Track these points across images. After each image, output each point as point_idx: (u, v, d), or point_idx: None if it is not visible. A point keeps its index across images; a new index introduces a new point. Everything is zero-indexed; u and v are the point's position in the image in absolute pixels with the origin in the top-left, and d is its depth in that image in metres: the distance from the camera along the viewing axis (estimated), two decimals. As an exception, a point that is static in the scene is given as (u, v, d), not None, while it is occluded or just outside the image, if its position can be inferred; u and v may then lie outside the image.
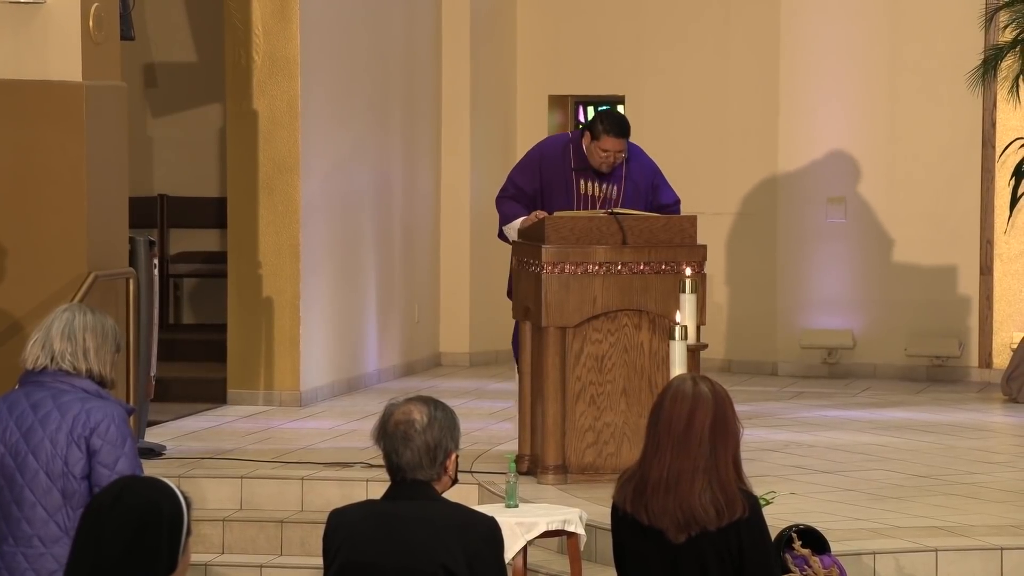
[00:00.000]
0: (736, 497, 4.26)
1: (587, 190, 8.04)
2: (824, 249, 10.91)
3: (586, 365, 7.63)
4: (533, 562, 6.78)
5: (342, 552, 4.25)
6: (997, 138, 10.55)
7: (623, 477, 4.43)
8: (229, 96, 9.69)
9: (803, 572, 6.16)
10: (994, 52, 10.06)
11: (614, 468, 7.59)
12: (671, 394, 4.33)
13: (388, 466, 4.30)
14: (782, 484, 7.45)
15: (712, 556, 4.27)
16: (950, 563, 6.53)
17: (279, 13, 9.54)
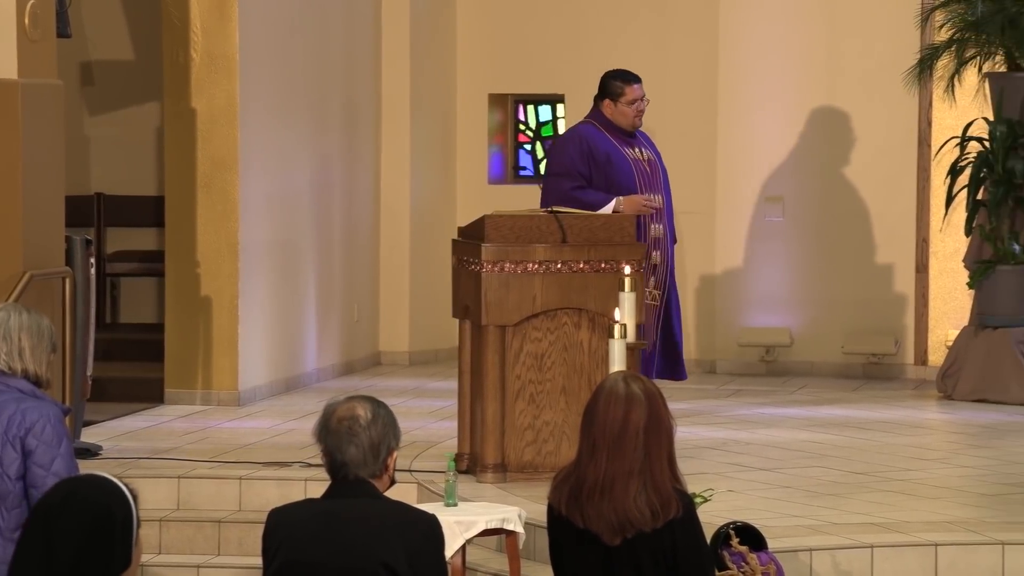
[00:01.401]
0: (671, 497, 4.27)
1: (635, 155, 8.16)
2: (762, 248, 10.96)
3: (526, 364, 7.64)
4: (472, 561, 6.78)
5: (282, 551, 4.25)
6: (933, 137, 10.64)
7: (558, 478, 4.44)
8: (167, 94, 9.64)
9: (740, 569, 6.20)
10: (930, 52, 10.14)
11: (553, 466, 7.60)
12: (604, 396, 4.32)
13: (330, 464, 4.30)
14: (720, 482, 7.49)
15: (647, 557, 4.28)
16: (885, 559, 6.59)
17: (217, 11, 9.50)
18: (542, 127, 11.63)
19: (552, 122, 11.61)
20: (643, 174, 8.11)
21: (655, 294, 8.13)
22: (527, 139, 11.64)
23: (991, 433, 8.94)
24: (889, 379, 10.71)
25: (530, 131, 11.64)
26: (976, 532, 6.74)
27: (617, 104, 8.09)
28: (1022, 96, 9.89)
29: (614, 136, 8.16)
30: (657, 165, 8.20)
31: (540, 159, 11.65)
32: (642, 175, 8.11)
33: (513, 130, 11.62)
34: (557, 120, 11.58)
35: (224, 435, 8.71)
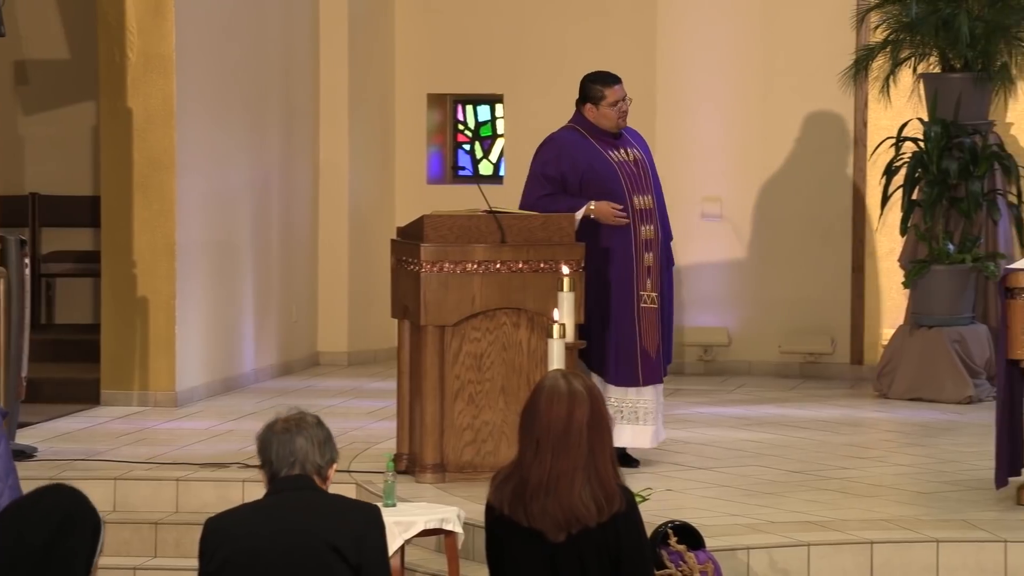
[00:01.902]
0: (615, 491, 4.30)
1: (620, 157, 7.95)
2: (700, 247, 11.01)
3: (465, 364, 7.64)
4: (411, 561, 6.77)
5: (223, 549, 4.23)
6: (868, 137, 10.71)
7: (498, 478, 4.44)
8: (103, 93, 9.58)
9: (678, 568, 6.22)
10: (865, 52, 10.21)
11: (492, 466, 7.60)
12: (546, 395, 4.33)
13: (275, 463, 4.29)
14: (658, 481, 7.52)
15: (592, 553, 4.30)
16: (822, 557, 6.63)
17: (153, 10, 9.45)
18: (481, 127, 11.64)
19: (491, 122, 11.62)
20: (629, 176, 7.91)
21: (652, 296, 7.87)
22: (466, 139, 11.64)
23: (926, 431, 9.01)
24: (826, 378, 10.78)
25: (469, 131, 11.64)
26: (911, 530, 6.80)
27: (599, 107, 7.89)
28: (956, 97, 9.98)
29: (597, 140, 7.91)
30: (645, 164, 7.94)
31: (479, 159, 11.66)
32: (628, 177, 7.90)
33: (452, 130, 11.62)
34: (496, 120, 11.59)
35: (161, 436, 8.67)
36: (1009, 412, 7.17)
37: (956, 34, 9.77)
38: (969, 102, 9.98)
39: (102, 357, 9.52)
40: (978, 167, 9.97)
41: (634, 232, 7.84)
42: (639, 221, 7.87)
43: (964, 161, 9.96)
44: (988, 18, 9.86)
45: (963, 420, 9.29)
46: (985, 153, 10.00)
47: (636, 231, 7.86)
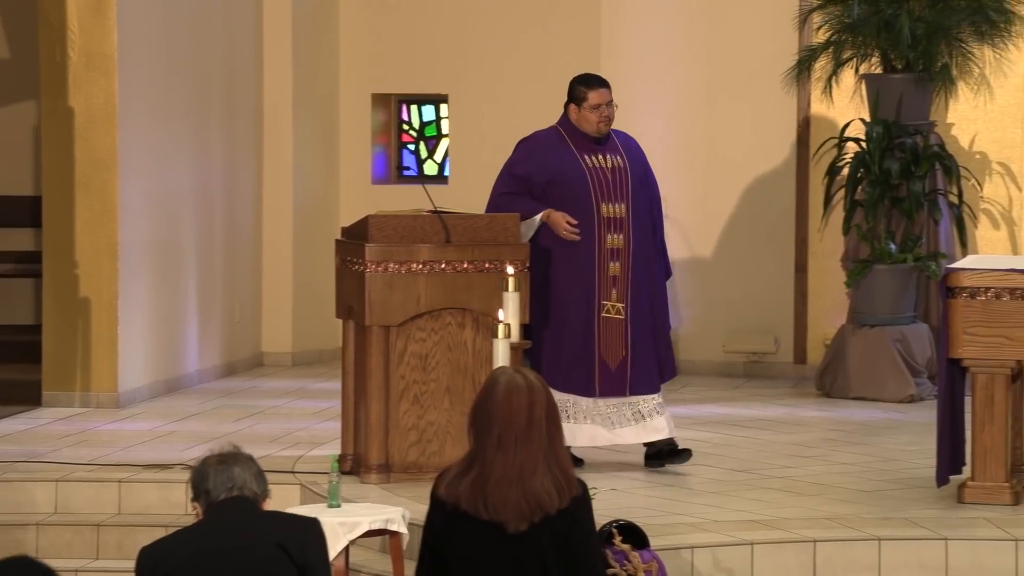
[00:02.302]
0: (574, 476, 4.46)
1: (594, 162, 7.77)
2: (645, 247, 11.02)
3: (410, 364, 7.63)
4: (355, 562, 6.76)
5: (164, 564, 4.22)
6: (811, 138, 10.76)
7: (448, 475, 4.47)
8: (44, 93, 9.51)
9: (623, 567, 6.24)
10: (808, 53, 10.26)
11: (438, 466, 7.59)
12: (504, 389, 4.41)
13: (212, 492, 4.30)
14: (603, 480, 7.53)
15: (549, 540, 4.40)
16: (765, 556, 6.66)
17: (95, 9, 9.39)
18: (425, 127, 11.62)
19: (436, 122, 11.60)
20: (600, 182, 7.67)
21: (618, 307, 7.65)
22: (411, 139, 11.63)
23: (868, 430, 9.06)
24: (769, 377, 10.83)
25: (414, 131, 11.63)
26: (853, 528, 6.84)
27: (581, 109, 7.74)
28: (898, 97, 10.04)
29: (576, 142, 7.76)
30: (625, 172, 7.72)
31: (424, 159, 11.65)
32: (599, 183, 7.67)
33: (397, 130, 11.60)
34: (441, 120, 11.58)
35: (103, 437, 8.61)
36: (950, 411, 7.23)
37: (897, 35, 9.83)
38: (911, 102, 10.05)
39: (44, 358, 9.45)
40: (919, 167, 10.04)
41: (598, 240, 7.67)
42: (605, 229, 7.68)
43: (906, 161, 10.03)
44: (929, 19, 9.93)
45: (905, 419, 9.35)
46: (926, 153, 10.07)
47: (601, 239, 7.68)
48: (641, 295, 7.73)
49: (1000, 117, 10.57)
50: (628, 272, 7.69)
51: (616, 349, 7.69)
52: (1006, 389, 7.15)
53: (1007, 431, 7.15)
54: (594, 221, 7.67)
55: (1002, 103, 10.51)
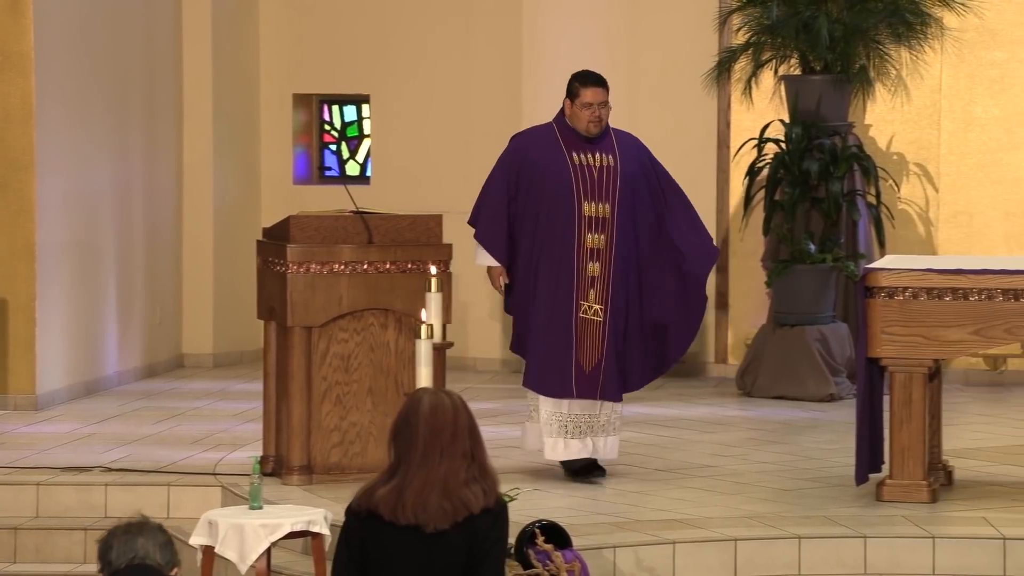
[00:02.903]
0: (496, 478, 4.66)
1: (581, 160, 7.60)
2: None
3: (332, 365, 7.62)
4: (277, 563, 6.74)
5: None
6: (732, 139, 10.83)
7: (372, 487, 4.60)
8: (-40, 92, 9.42)
9: (546, 567, 6.25)
10: (728, 54, 10.32)
11: (360, 467, 7.59)
12: (429, 408, 4.62)
13: (115, 561, 4.28)
14: (527, 480, 7.55)
15: (464, 541, 4.56)
16: (687, 555, 6.69)
17: (11, 7, 9.30)
18: (347, 127, 11.60)
19: (357, 122, 11.58)
20: (585, 181, 7.49)
21: (596, 309, 7.47)
22: (332, 139, 11.60)
23: (788, 429, 9.13)
24: (691, 376, 10.88)
25: (335, 131, 11.60)
26: (774, 527, 6.89)
27: (574, 105, 7.60)
28: (816, 98, 10.12)
29: (568, 139, 7.59)
30: (614, 172, 7.53)
31: (346, 159, 11.62)
32: (584, 182, 7.49)
33: (318, 130, 11.57)
34: (363, 120, 11.56)
35: (21, 440, 8.53)
36: (869, 409, 7.29)
37: (816, 36, 9.91)
38: (829, 104, 10.13)
39: (-40, 360, 9.35)
40: (838, 168, 10.13)
41: (578, 239, 7.50)
42: (586, 229, 7.50)
43: (824, 162, 10.11)
44: (847, 21, 10.02)
45: (824, 418, 9.42)
46: (845, 154, 10.16)
47: (581, 239, 7.50)
48: (620, 297, 7.51)
49: (917, 118, 10.69)
50: (609, 273, 7.50)
51: (592, 351, 7.51)
52: (923, 388, 7.23)
53: (924, 430, 7.23)
54: (574, 220, 7.50)
55: (918, 104, 10.62)
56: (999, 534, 6.74)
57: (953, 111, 10.71)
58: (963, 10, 10.21)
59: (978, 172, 10.72)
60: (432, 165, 11.19)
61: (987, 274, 7.14)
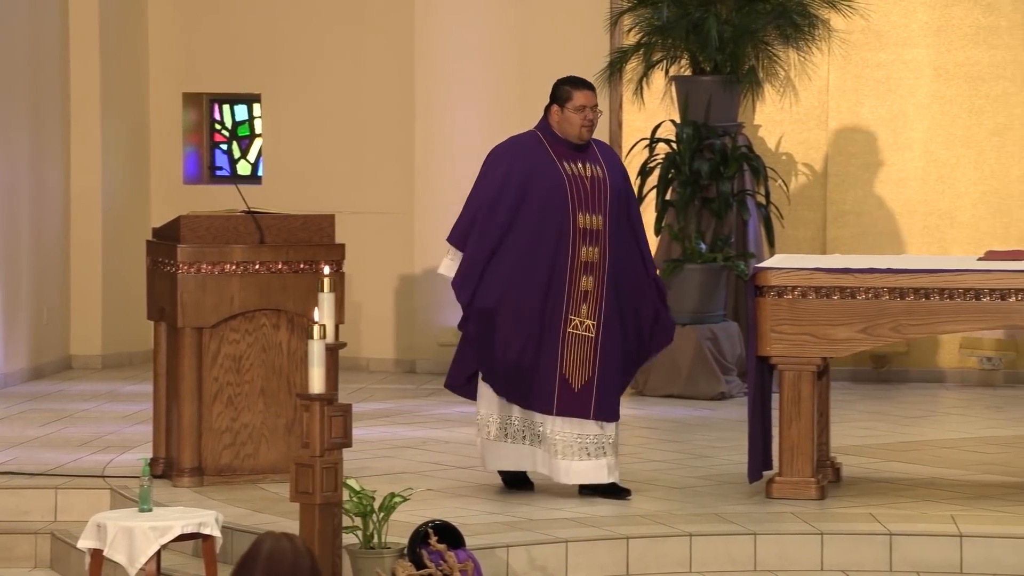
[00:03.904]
0: None
1: (573, 170, 7.23)
2: (460, 247, 11.06)
3: (223, 366, 7.57)
4: (167, 566, 6.68)
5: None
6: (623, 139, 10.89)
7: None
8: None
9: (439, 567, 6.25)
10: (619, 55, 10.38)
11: (252, 469, 7.55)
12: (267, 553, 4.49)
13: None
14: (419, 480, 7.54)
15: None
16: (579, 553, 6.72)
17: None
18: (238, 126, 11.53)
19: (248, 122, 11.51)
20: (579, 191, 7.16)
21: (588, 324, 7.15)
22: (223, 139, 11.52)
23: (679, 428, 9.19)
24: (583, 376, 10.92)
25: (226, 131, 11.52)
26: (665, 525, 6.93)
27: (564, 110, 7.26)
28: (707, 99, 10.20)
29: (556, 148, 7.26)
30: (604, 183, 7.22)
31: (237, 159, 11.55)
32: (577, 192, 7.16)
33: (209, 130, 11.49)
34: (254, 120, 11.49)
35: (-94, 444, 8.40)
36: (760, 408, 7.36)
37: (706, 38, 9.99)
38: (719, 104, 10.22)
39: None
40: (728, 168, 10.22)
41: (571, 252, 7.18)
42: (580, 241, 7.18)
43: (715, 162, 10.20)
44: (736, 22, 10.11)
45: (716, 416, 9.50)
46: (735, 154, 10.25)
47: (575, 251, 7.18)
48: (614, 313, 7.22)
49: (805, 119, 10.81)
50: (602, 288, 7.19)
51: (582, 368, 7.19)
52: (812, 386, 7.31)
53: (813, 427, 7.31)
54: (569, 232, 7.18)
55: (806, 105, 10.74)
56: (885, 530, 6.83)
57: (840, 112, 10.84)
58: (849, 12, 10.34)
59: (865, 172, 10.87)
60: (324, 165, 11.15)
61: (874, 273, 7.24)
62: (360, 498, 6.35)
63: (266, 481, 7.53)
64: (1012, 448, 8.47)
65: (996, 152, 10.79)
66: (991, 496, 7.34)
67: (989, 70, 10.74)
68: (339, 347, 7.22)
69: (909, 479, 7.71)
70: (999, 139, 10.79)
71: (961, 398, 10.17)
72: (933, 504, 7.18)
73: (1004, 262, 7.30)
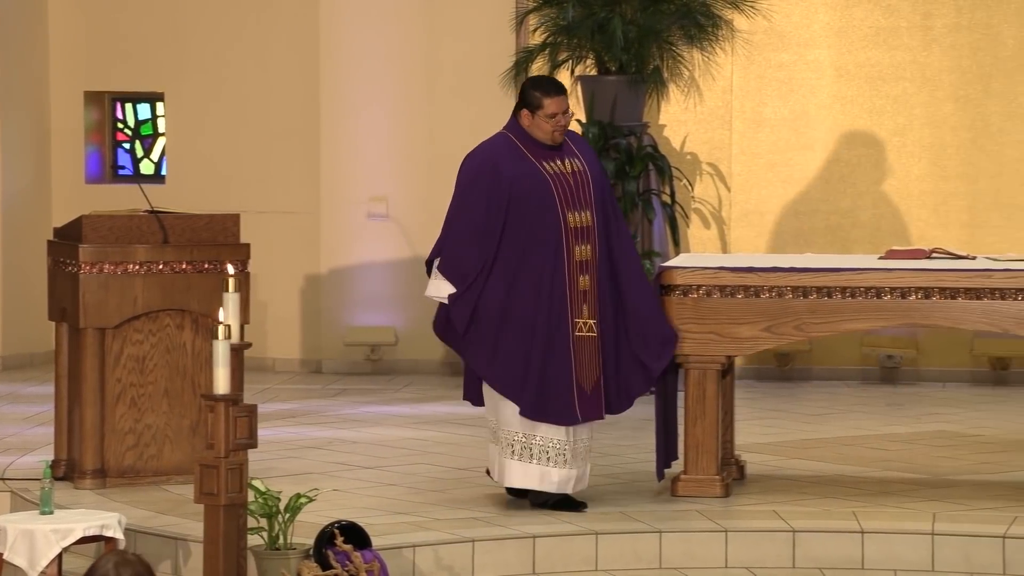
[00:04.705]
0: None
1: (554, 169, 7.02)
2: (367, 247, 11.05)
3: (127, 366, 7.51)
4: (69, 569, 6.62)
5: None
6: (530, 139, 10.90)
7: None
8: None
9: (345, 568, 6.24)
10: (525, 55, 10.40)
11: (155, 470, 7.50)
12: None
13: None
14: (325, 481, 7.52)
15: None
16: (486, 553, 6.73)
17: None
18: (141, 125, 11.44)
19: (151, 120, 11.43)
20: (565, 190, 6.98)
21: (590, 324, 6.96)
22: (126, 138, 11.43)
23: (587, 426, 9.22)
24: (490, 375, 10.92)
25: (129, 130, 11.43)
26: (571, 523, 6.96)
27: (535, 116, 7.03)
28: (612, 99, 10.25)
29: (532, 149, 7.04)
30: (586, 176, 7.04)
31: (140, 158, 11.45)
32: (564, 191, 6.98)
33: (111, 129, 11.39)
34: (157, 119, 11.40)
35: None
36: (666, 406, 7.40)
37: (611, 38, 10.03)
38: (624, 104, 10.27)
39: None
40: (633, 168, 10.27)
41: (567, 253, 6.95)
42: (574, 240, 6.97)
43: (620, 162, 10.24)
44: (641, 23, 10.16)
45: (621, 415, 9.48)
46: (640, 154, 10.30)
47: (570, 251, 6.96)
48: (610, 309, 7.04)
49: (709, 119, 10.89)
50: (595, 285, 7.01)
51: (591, 370, 7.02)
52: (717, 384, 7.36)
53: (718, 425, 7.36)
54: (562, 233, 6.96)
55: (711, 105, 10.82)
56: (788, 527, 6.89)
57: (744, 112, 10.93)
58: (752, 13, 10.42)
59: (768, 172, 10.96)
60: (229, 164, 11.08)
61: (777, 272, 7.30)
62: (266, 499, 6.32)
63: (170, 483, 7.48)
64: (912, 445, 8.58)
65: (896, 152, 10.93)
66: (892, 492, 7.43)
67: (889, 71, 10.87)
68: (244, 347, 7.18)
69: (812, 476, 7.78)
70: (899, 139, 10.92)
71: (863, 395, 10.29)
72: (835, 501, 7.26)
73: (904, 261, 7.39)
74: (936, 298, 7.18)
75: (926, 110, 10.86)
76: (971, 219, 10.85)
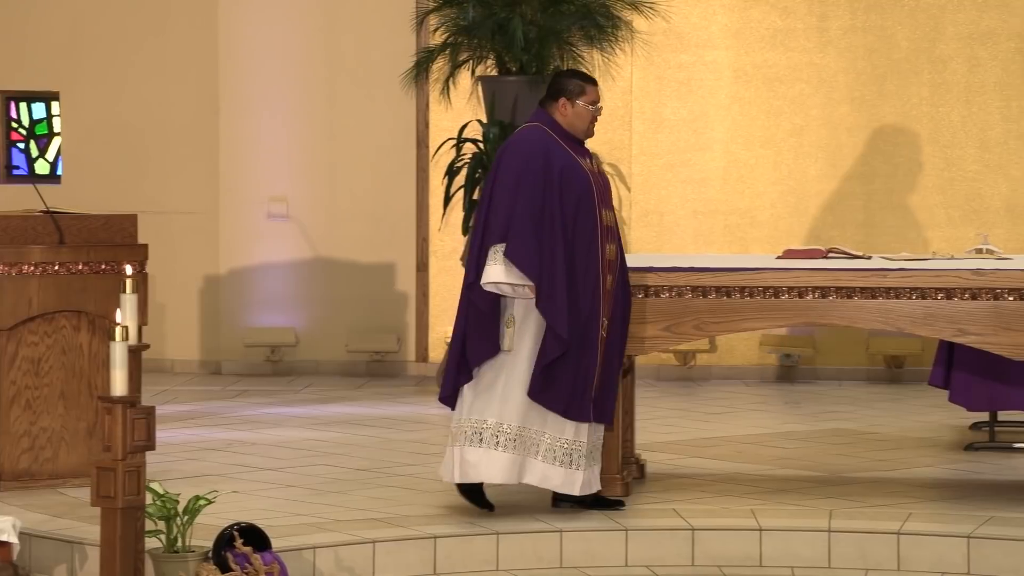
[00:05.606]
0: None
1: (588, 167, 6.88)
2: (266, 247, 11.00)
3: (21, 369, 7.43)
4: (-35, 575, 6.54)
5: None
6: (431, 138, 10.92)
7: None
8: None
9: (244, 570, 6.21)
10: (425, 55, 10.40)
11: (52, 473, 7.42)
12: None
13: None
14: (225, 483, 7.48)
15: None
16: (387, 554, 6.72)
17: None
18: (36, 125, 11.32)
19: (47, 120, 11.31)
20: (600, 188, 6.89)
21: (606, 324, 6.90)
22: (20, 137, 11.30)
23: (488, 426, 9.24)
24: (392, 376, 10.93)
25: (23, 129, 11.30)
26: (473, 523, 6.97)
27: (575, 104, 6.81)
28: (513, 99, 10.27)
29: (568, 143, 6.86)
30: (607, 179, 7.01)
31: (35, 158, 11.33)
32: (599, 190, 6.88)
33: (5, 128, 11.25)
34: (52, 118, 11.29)
35: None
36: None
37: (511, 38, 10.05)
38: (525, 104, 10.28)
39: None
40: (535, 168, 10.29)
41: (601, 251, 6.88)
42: (605, 239, 6.88)
43: (521, 162, 10.26)
44: (541, 23, 10.19)
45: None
46: (541, 155, 10.32)
47: (602, 250, 6.88)
48: (620, 308, 7.00)
49: (610, 120, 10.94)
50: (614, 286, 6.96)
51: (604, 370, 6.93)
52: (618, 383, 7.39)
53: (618, 424, 7.39)
54: (598, 230, 6.87)
55: (611, 106, 10.87)
56: (688, 525, 6.94)
57: (644, 112, 10.99)
58: (651, 14, 10.49)
59: (668, 172, 11.04)
60: (127, 164, 10.99)
61: (677, 272, 7.35)
62: (164, 501, 6.27)
63: (66, 486, 7.41)
64: (810, 443, 8.67)
65: (793, 152, 11.04)
66: (789, 490, 7.51)
67: (786, 72, 10.98)
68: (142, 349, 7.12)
69: (711, 475, 7.84)
70: (796, 140, 11.04)
71: (761, 394, 10.38)
72: (734, 499, 7.32)
73: (801, 260, 7.46)
74: (833, 297, 7.26)
75: (822, 111, 10.99)
76: (867, 219, 10.98)
